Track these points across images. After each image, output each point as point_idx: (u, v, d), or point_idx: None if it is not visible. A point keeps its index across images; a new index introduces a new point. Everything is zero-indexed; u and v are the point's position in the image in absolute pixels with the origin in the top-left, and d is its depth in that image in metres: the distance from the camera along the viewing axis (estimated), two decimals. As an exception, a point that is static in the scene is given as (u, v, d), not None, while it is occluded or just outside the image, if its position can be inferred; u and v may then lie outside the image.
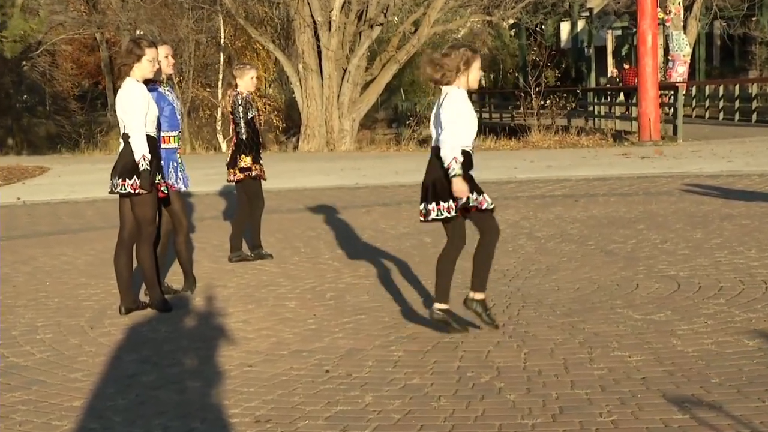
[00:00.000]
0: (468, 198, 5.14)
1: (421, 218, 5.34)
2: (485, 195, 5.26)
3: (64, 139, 34.28)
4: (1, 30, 19.20)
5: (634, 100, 21.93)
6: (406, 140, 25.13)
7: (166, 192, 6.38)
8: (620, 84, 30.26)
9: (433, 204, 5.22)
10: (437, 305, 5.34)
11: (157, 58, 6.30)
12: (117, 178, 6.12)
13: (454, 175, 5.05)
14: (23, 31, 19.31)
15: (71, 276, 7.81)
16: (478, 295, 5.38)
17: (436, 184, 5.19)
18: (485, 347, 5.14)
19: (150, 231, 6.22)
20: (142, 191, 6.05)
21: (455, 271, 5.49)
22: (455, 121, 5.09)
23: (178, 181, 6.77)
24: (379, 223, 10.20)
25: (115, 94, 6.63)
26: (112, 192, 6.20)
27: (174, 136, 6.76)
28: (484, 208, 5.21)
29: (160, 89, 6.66)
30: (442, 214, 5.20)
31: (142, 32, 30.80)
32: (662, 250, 7.83)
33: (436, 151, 5.20)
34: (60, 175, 18.24)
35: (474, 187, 5.20)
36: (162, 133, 6.59)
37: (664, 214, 9.81)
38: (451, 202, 5.17)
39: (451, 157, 5.05)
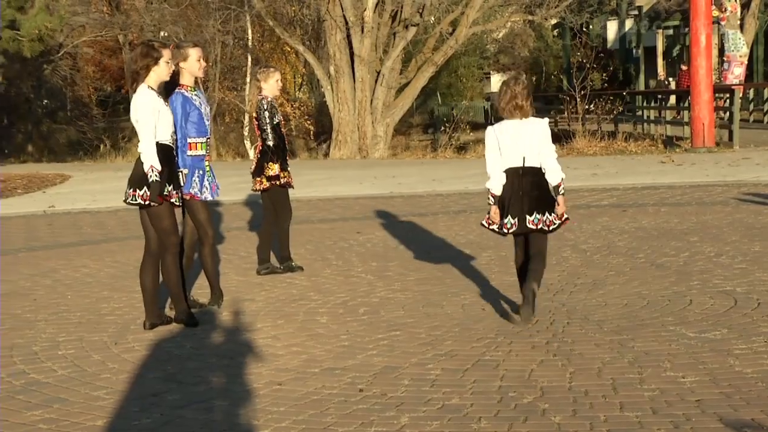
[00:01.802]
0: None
1: (505, 230, 6.26)
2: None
3: (85, 145, 34.68)
4: (19, 29, 19.50)
5: (687, 104, 21.75)
6: (443, 146, 25.11)
7: (178, 204, 6.38)
8: (669, 86, 30.06)
9: (525, 216, 6.19)
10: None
11: (172, 60, 6.36)
12: (129, 188, 6.20)
13: (563, 194, 6.30)
14: (38, 29, 19.59)
15: (93, 289, 7.90)
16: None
17: (533, 200, 6.22)
18: (528, 366, 5.12)
19: (172, 241, 6.27)
20: (152, 203, 6.11)
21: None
22: None
23: (204, 190, 6.78)
24: (415, 234, 10.20)
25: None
26: (125, 201, 6.28)
27: (201, 143, 6.77)
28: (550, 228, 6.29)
29: (185, 93, 6.71)
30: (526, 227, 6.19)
31: (166, 34, 31.14)
32: (717, 263, 7.75)
33: (532, 170, 6.25)
34: (81, 183, 18.48)
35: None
36: (188, 140, 6.65)
37: (719, 225, 9.72)
38: (548, 215, 6.22)
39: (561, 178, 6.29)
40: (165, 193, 6.19)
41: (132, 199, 6.16)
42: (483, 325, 6.11)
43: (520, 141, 6.23)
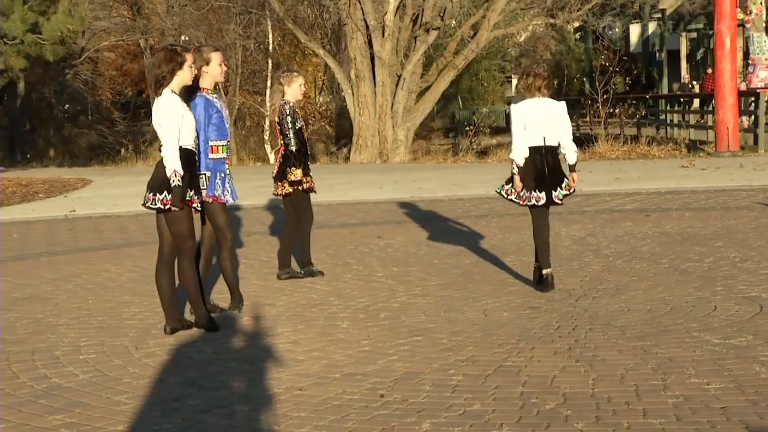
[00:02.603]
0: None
1: (522, 202, 7.14)
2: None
3: (106, 149, 34.92)
4: (40, 33, 19.67)
5: (711, 108, 21.63)
6: (464, 151, 25.10)
7: (199, 209, 6.41)
8: (693, 90, 29.88)
9: (541, 192, 7.06)
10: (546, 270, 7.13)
11: (194, 64, 6.40)
12: (148, 191, 6.22)
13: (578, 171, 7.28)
14: (60, 32, 19.75)
15: (114, 293, 7.95)
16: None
17: (555, 176, 7.10)
18: (550, 372, 5.11)
19: (189, 246, 6.29)
20: (173, 208, 6.13)
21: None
22: None
23: (226, 193, 6.82)
24: (436, 238, 10.20)
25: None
26: (144, 205, 6.30)
27: (222, 146, 6.81)
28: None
29: (207, 96, 6.75)
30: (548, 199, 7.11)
31: (186, 38, 31.30)
32: (742, 269, 7.70)
33: (551, 149, 7.03)
34: (102, 187, 18.59)
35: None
36: (210, 143, 6.68)
37: (744, 230, 9.66)
38: (559, 189, 7.12)
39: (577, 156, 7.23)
40: (187, 198, 6.21)
41: (152, 203, 6.18)
42: (505, 330, 6.10)
43: (541, 120, 6.97)
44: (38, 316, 7.13)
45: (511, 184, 7.19)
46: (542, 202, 7.13)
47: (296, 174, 7.96)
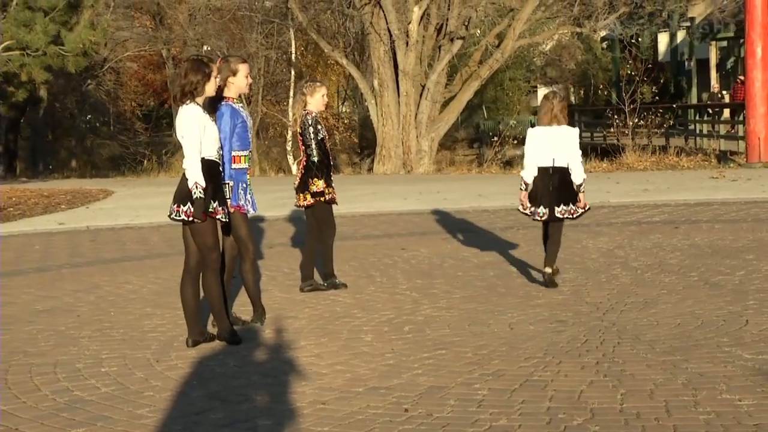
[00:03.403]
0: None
1: (538, 218, 7.94)
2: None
3: (128, 160, 35.18)
4: (62, 44, 19.87)
5: (741, 118, 21.49)
6: (489, 161, 25.09)
7: (225, 220, 6.42)
8: (723, 100, 29.69)
9: (559, 207, 7.82)
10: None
11: (220, 75, 6.44)
12: (173, 203, 6.26)
13: (583, 191, 7.95)
14: (83, 43, 19.93)
15: (136, 305, 7.99)
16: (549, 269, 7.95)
17: (560, 194, 7.84)
18: (578, 387, 5.08)
19: (214, 258, 6.32)
20: (196, 220, 6.16)
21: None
22: None
23: (247, 203, 6.85)
24: (461, 250, 10.18)
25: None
26: (169, 217, 6.34)
27: (245, 156, 6.84)
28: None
29: (234, 105, 6.79)
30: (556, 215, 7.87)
31: (209, 48, 31.51)
32: (774, 282, 7.64)
33: (560, 170, 7.85)
34: (124, 198, 18.72)
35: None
36: (233, 153, 6.71)
37: (776, 242, 9.58)
38: (571, 206, 7.87)
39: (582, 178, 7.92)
40: (210, 209, 6.24)
41: (176, 215, 6.22)
42: (531, 344, 6.08)
43: (552, 145, 7.81)
44: (60, 329, 7.18)
45: (522, 201, 8.04)
46: (545, 217, 7.90)
47: (318, 185, 7.97)
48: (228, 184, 6.67)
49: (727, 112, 28.39)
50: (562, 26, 28.99)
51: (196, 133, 6.17)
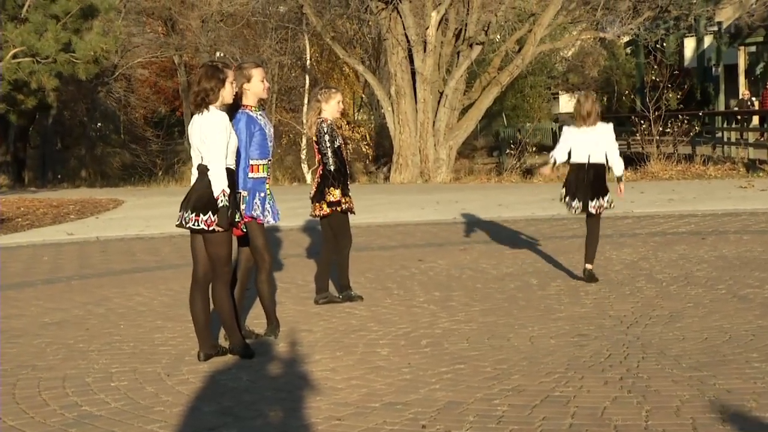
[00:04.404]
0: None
1: (573, 212, 8.78)
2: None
3: (139, 169, 35.35)
4: (73, 51, 20.03)
5: (770, 125, 21.39)
6: (509, 170, 25.07)
7: (244, 231, 6.46)
8: (753, 107, 29.56)
9: (594, 200, 8.63)
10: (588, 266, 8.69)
11: (236, 81, 6.46)
12: (189, 211, 6.23)
13: (623, 181, 8.96)
14: (94, 51, 20.09)
15: (147, 318, 8.02)
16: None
17: (594, 188, 8.63)
18: (601, 403, 5.06)
19: (226, 271, 6.32)
20: (218, 229, 6.16)
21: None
22: None
23: (266, 213, 6.86)
24: (480, 262, 10.17)
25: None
26: (181, 225, 6.33)
27: (263, 165, 6.85)
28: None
29: (250, 113, 6.80)
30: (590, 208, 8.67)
31: (222, 54, 31.66)
32: (805, 295, 7.59)
33: (595, 165, 8.64)
34: (134, 208, 18.80)
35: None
36: (250, 162, 6.73)
37: (807, 254, 9.52)
38: (604, 199, 8.64)
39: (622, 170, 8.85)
40: (237, 219, 6.25)
41: (194, 224, 6.20)
42: (552, 358, 6.06)
43: (587, 142, 8.56)
44: (69, 342, 7.21)
45: (562, 191, 8.80)
46: (579, 210, 8.67)
47: (335, 194, 7.97)
48: (241, 193, 6.68)
49: (756, 120, 28.26)
50: (585, 31, 28.96)
51: (224, 138, 6.18)
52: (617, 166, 8.72)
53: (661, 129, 24.47)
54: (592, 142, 8.58)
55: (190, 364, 6.37)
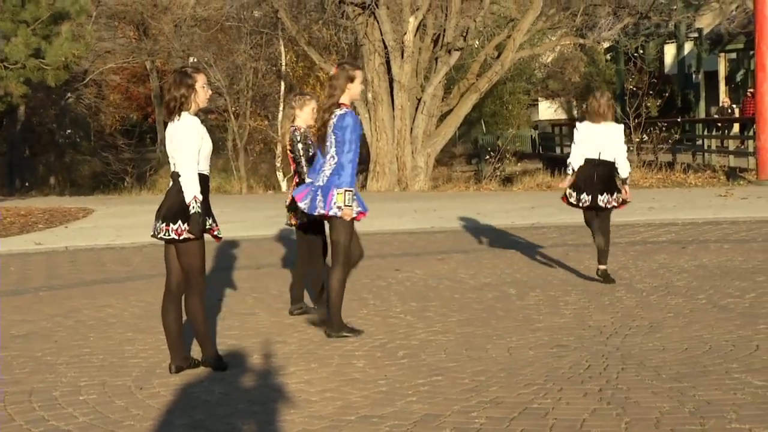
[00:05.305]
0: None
1: (581, 205, 8.98)
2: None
3: (109, 177, 35.15)
4: (43, 57, 19.92)
5: (752, 133, 21.57)
6: (488, 178, 25.13)
7: (221, 236, 6.50)
8: (733, 114, 29.79)
9: (605, 195, 8.92)
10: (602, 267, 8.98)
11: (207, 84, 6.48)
12: (161, 221, 6.23)
13: (627, 183, 9.11)
14: (65, 57, 19.97)
15: (117, 330, 7.98)
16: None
17: (604, 184, 8.94)
18: (580, 415, 5.08)
19: (200, 281, 6.31)
20: (189, 236, 6.15)
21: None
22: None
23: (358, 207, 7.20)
24: (458, 272, 10.19)
25: (165, 128, 6.77)
26: (154, 236, 6.33)
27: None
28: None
29: (354, 113, 7.17)
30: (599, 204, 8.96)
31: (195, 59, 31.60)
32: (786, 305, 7.65)
33: (605, 163, 8.96)
34: (104, 217, 18.71)
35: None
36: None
37: (788, 263, 9.60)
38: (615, 195, 8.96)
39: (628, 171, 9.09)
40: (208, 226, 6.25)
41: (165, 234, 6.19)
42: (531, 370, 6.08)
43: (598, 140, 8.87)
44: (36, 355, 7.16)
45: (569, 190, 9.03)
46: (588, 204, 8.93)
47: (310, 203, 7.96)
48: (350, 191, 7.00)
49: (736, 127, 28.48)
50: (564, 37, 29.10)
51: (195, 144, 6.18)
52: (623, 168, 9.00)
53: (641, 136, 24.62)
54: (604, 140, 8.87)
55: (161, 376, 6.34)
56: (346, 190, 7.01)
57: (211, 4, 30.99)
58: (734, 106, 33.31)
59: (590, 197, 8.92)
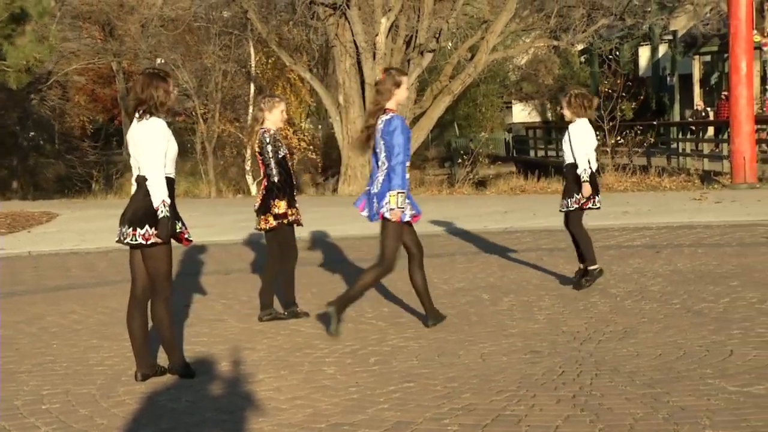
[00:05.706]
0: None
1: (577, 205, 9.09)
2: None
3: (74, 181, 34.88)
4: (4, 59, 19.73)
5: (726, 136, 21.77)
6: (461, 182, 25.18)
7: (191, 240, 6.47)
8: (708, 117, 30.06)
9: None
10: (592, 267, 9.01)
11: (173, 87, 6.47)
12: (126, 226, 6.19)
13: (585, 180, 8.93)
14: (27, 60, 19.81)
15: (82, 337, 7.93)
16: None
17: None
18: (553, 422, 5.10)
19: (166, 287, 6.29)
20: (157, 241, 6.12)
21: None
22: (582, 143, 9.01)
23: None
24: (430, 276, 10.17)
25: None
26: (119, 241, 6.29)
27: (408, 166, 7.41)
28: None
29: (401, 117, 7.31)
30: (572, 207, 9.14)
31: (163, 61, 31.45)
32: (761, 310, 7.72)
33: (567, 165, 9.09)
34: (69, 221, 18.57)
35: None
36: (408, 163, 7.28)
37: (763, 268, 9.69)
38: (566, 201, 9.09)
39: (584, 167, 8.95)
40: (178, 230, 6.22)
41: (132, 239, 6.16)
42: (504, 376, 6.10)
43: (566, 141, 9.06)
44: (-2, 362, 7.10)
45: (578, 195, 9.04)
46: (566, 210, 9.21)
47: (280, 206, 7.97)
48: (402, 193, 7.22)
49: (711, 130, 28.74)
50: (538, 39, 29.25)
51: (162, 147, 6.16)
52: (580, 166, 8.96)
53: (615, 140, 24.78)
54: (567, 141, 9.06)
55: (126, 384, 6.31)
56: (398, 192, 7.23)
57: (179, 4, 30.81)
58: (708, 109, 33.62)
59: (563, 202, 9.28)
